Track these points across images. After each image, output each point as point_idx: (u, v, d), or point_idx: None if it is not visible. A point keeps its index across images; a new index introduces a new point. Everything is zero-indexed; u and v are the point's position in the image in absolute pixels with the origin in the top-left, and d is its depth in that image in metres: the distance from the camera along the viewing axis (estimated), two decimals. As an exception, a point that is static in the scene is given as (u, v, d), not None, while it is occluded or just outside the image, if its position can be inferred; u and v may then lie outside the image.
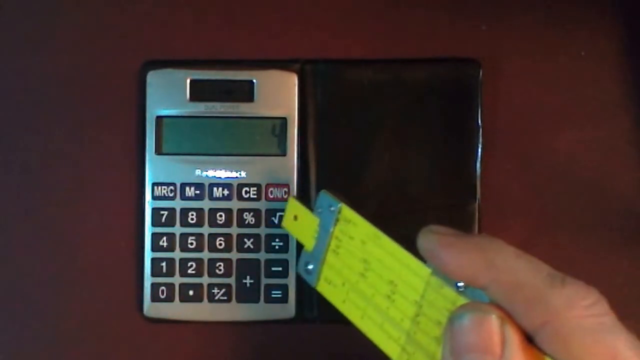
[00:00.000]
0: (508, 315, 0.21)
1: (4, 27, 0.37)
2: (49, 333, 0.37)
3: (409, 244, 0.35)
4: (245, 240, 0.35)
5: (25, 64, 0.37)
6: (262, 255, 0.35)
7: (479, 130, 0.36)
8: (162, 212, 0.36)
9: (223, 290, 0.35)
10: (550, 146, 0.37)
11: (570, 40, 0.37)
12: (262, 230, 0.35)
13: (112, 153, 0.37)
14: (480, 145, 0.36)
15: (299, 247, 0.32)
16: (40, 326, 0.37)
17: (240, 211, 0.35)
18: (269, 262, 0.35)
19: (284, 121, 0.36)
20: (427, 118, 0.36)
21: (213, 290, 0.35)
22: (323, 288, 0.29)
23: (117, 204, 0.37)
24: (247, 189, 0.36)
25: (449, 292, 0.23)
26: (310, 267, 0.29)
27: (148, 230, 0.36)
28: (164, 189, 0.36)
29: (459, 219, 0.35)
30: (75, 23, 0.37)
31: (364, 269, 0.27)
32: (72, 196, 0.37)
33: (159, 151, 0.36)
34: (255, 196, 0.36)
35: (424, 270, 0.24)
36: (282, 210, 0.35)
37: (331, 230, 0.28)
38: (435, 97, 0.36)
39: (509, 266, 0.22)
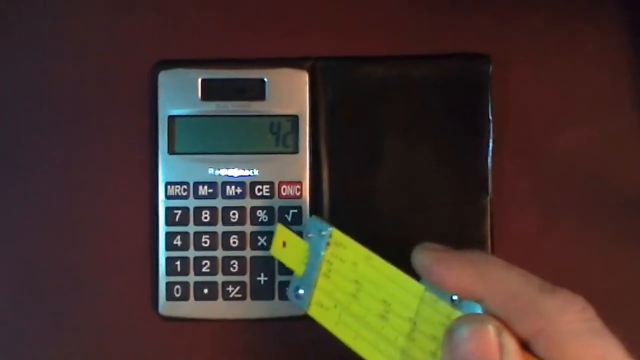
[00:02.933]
0: (504, 325, 0.22)
1: (18, 30, 0.37)
2: (64, 333, 0.37)
3: (421, 241, 0.36)
4: (259, 237, 0.35)
5: (38, 66, 0.37)
6: (276, 253, 0.36)
7: (490, 125, 0.36)
8: (175, 211, 0.36)
9: (237, 288, 0.36)
10: (561, 140, 0.37)
11: (579, 34, 0.37)
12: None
13: (125, 153, 0.37)
14: (491, 140, 0.36)
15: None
16: (56, 326, 0.37)
17: (254, 209, 0.36)
18: (283, 260, 0.36)
19: (295, 119, 0.36)
20: (438, 113, 0.36)
21: (227, 288, 0.36)
22: (315, 312, 0.30)
23: (130, 203, 0.37)
24: (260, 186, 0.36)
25: (444, 306, 0.24)
26: (301, 291, 0.30)
27: (162, 229, 0.36)
28: (177, 188, 0.36)
29: (471, 214, 0.36)
30: (86, 25, 0.37)
31: (355, 290, 0.28)
32: (86, 197, 0.37)
33: (171, 151, 0.36)
34: (268, 194, 0.36)
35: (418, 287, 0.25)
36: (295, 208, 0.36)
37: (322, 254, 0.29)
38: (446, 93, 0.36)
39: (502, 278, 0.23)
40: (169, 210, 0.36)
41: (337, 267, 0.29)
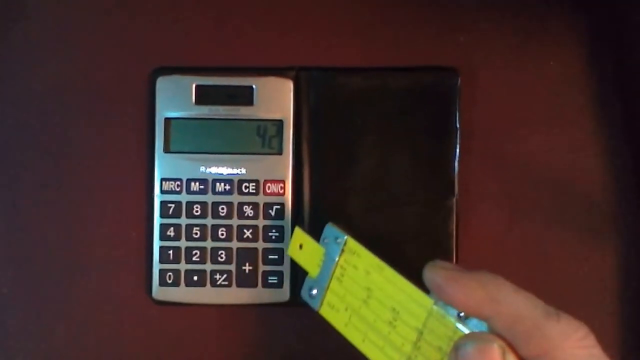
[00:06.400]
0: (508, 345, 0.23)
1: (29, 36, 0.40)
2: (64, 316, 0.39)
3: (395, 237, 0.38)
4: (245, 230, 0.38)
5: (50, 69, 0.40)
6: (260, 245, 0.38)
7: (457, 133, 0.38)
8: (169, 205, 0.38)
9: (224, 276, 0.38)
10: (522, 147, 0.39)
11: (540, 51, 0.39)
12: (260, 222, 0.38)
13: (125, 151, 0.39)
14: (458, 146, 0.38)
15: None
16: (57, 310, 0.39)
17: (241, 204, 0.38)
18: (266, 251, 0.38)
19: (280, 123, 0.38)
20: (411, 121, 0.38)
21: (215, 276, 0.38)
22: (326, 312, 0.31)
23: (129, 197, 0.39)
24: (247, 184, 0.38)
25: (450, 321, 0.25)
26: (314, 292, 0.31)
27: (157, 221, 0.38)
28: (172, 184, 0.38)
29: (439, 213, 0.38)
30: (92, 34, 0.40)
31: (366, 296, 0.29)
32: (88, 191, 0.39)
33: (167, 150, 0.38)
34: (254, 191, 0.38)
35: (427, 300, 0.27)
36: (279, 204, 0.38)
37: (337, 259, 0.30)
38: (418, 102, 0.38)
39: (509, 300, 0.24)
40: (163, 204, 0.38)
41: (350, 273, 0.30)
